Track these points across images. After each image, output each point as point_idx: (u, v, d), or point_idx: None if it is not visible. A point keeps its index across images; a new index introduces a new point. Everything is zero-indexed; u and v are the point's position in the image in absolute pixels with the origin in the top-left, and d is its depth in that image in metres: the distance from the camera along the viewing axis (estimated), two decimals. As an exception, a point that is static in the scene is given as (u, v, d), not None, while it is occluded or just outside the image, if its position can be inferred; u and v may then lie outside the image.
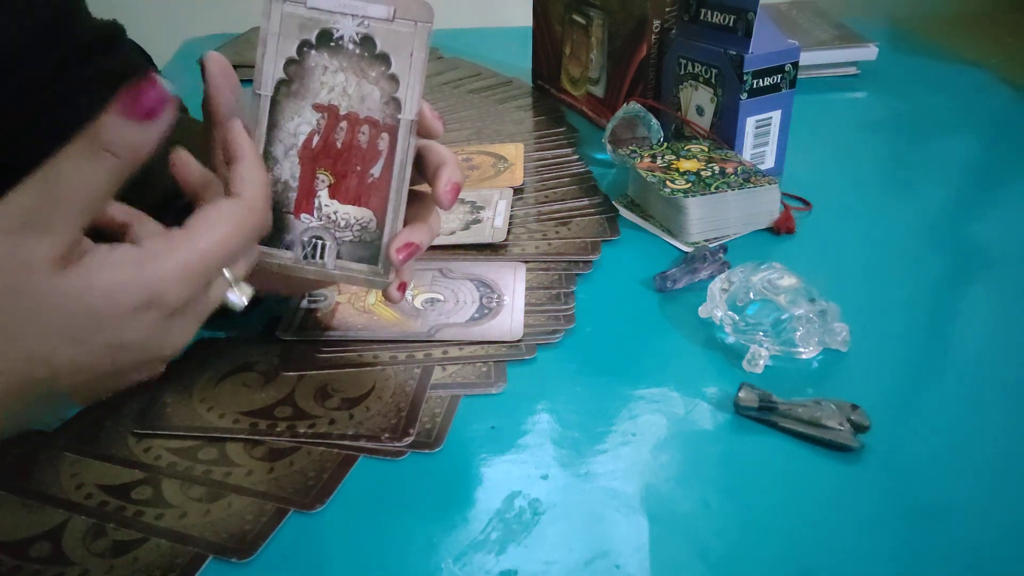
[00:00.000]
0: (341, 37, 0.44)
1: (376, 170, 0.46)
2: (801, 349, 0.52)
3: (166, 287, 0.35)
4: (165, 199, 0.53)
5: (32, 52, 0.53)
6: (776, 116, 0.75)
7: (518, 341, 0.54)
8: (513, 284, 0.59)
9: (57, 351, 0.34)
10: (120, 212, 0.42)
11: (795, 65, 0.73)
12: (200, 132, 0.47)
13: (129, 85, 0.34)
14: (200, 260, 0.37)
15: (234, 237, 0.38)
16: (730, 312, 0.53)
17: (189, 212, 0.50)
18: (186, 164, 0.44)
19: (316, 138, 0.46)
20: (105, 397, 0.46)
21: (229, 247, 0.38)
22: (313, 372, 0.51)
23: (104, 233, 0.39)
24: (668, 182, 0.67)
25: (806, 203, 0.72)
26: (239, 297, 0.41)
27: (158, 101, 0.34)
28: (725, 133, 0.75)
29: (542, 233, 0.67)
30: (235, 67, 0.46)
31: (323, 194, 0.46)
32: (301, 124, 0.45)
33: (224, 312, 0.41)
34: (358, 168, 0.46)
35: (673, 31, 0.79)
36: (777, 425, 0.47)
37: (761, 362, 0.51)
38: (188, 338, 0.39)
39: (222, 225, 0.38)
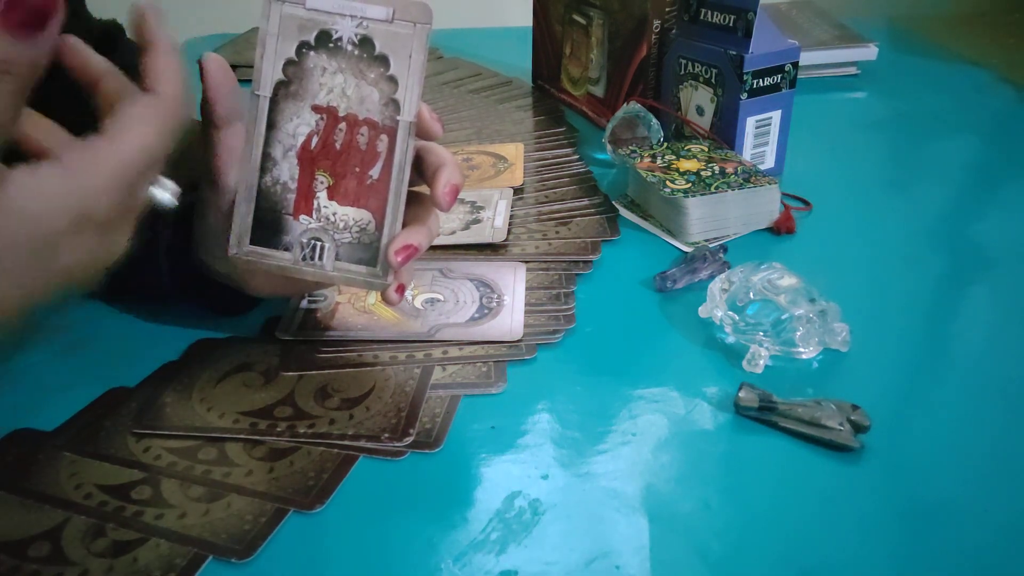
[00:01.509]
0: (340, 38, 0.44)
1: (375, 171, 0.46)
2: (801, 349, 0.52)
3: (96, 201, 0.34)
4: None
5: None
6: (776, 116, 0.75)
7: (518, 341, 0.54)
8: (513, 284, 0.59)
9: None
10: (35, 125, 0.38)
11: (795, 65, 0.73)
12: (199, 132, 0.47)
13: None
14: (124, 163, 0.35)
15: (157, 137, 0.36)
16: (730, 312, 0.53)
17: (190, 211, 0.51)
18: (79, 51, 0.40)
19: (315, 139, 0.46)
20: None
21: (153, 148, 0.36)
22: (313, 372, 0.51)
23: (19, 154, 0.37)
24: (668, 182, 0.67)
25: (806, 203, 0.72)
26: (164, 194, 0.40)
27: (39, 6, 0.31)
28: (725, 133, 0.74)
29: (542, 233, 0.67)
30: (234, 67, 0.46)
31: (322, 195, 0.46)
32: (300, 125, 0.45)
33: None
34: (357, 169, 0.46)
35: (673, 31, 0.79)
36: (777, 425, 0.47)
37: (761, 362, 0.51)
38: (124, 244, 0.37)
39: (141, 124, 0.36)
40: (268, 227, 0.47)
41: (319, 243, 0.47)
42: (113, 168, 0.35)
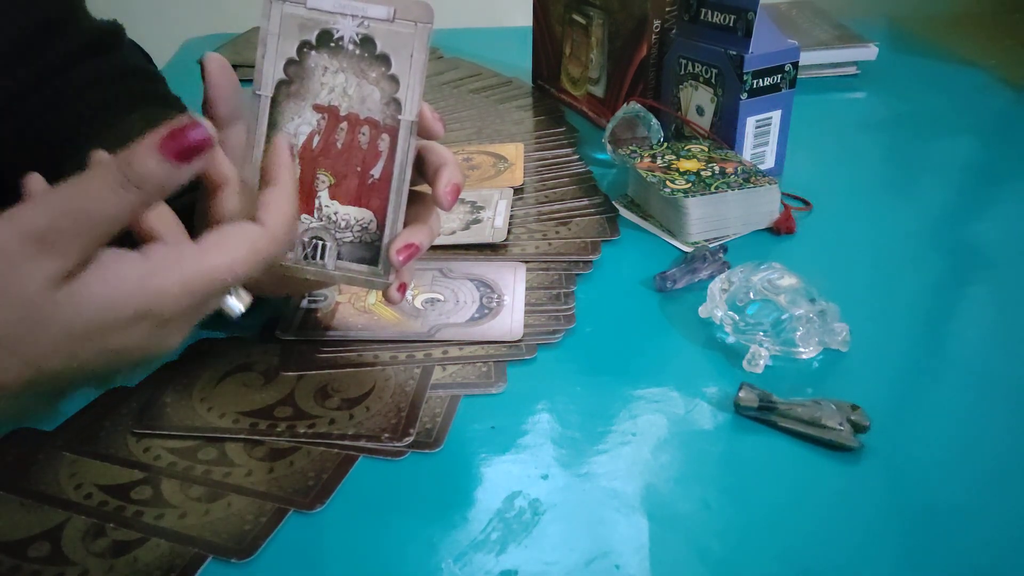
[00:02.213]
0: (341, 38, 0.44)
1: (376, 171, 0.46)
2: (801, 349, 0.52)
3: (165, 302, 0.35)
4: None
5: (32, 52, 0.53)
6: (776, 116, 0.75)
7: (518, 341, 0.54)
8: (513, 284, 0.59)
9: (49, 358, 0.34)
10: (149, 219, 0.40)
11: (795, 65, 0.73)
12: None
13: (173, 122, 0.33)
14: (205, 279, 0.36)
15: (247, 263, 0.37)
16: (730, 312, 0.53)
17: (190, 211, 0.51)
18: (216, 159, 0.42)
19: (316, 139, 0.46)
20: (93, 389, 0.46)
21: (239, 271, 0.37)
22: (313, 372, 0.51)
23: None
24: (668, 182, 0.67)
25: (806, 203, 0.72)
26: (237, 304, 0.40)
27: (199, 143, 0.33)
28: (725, 133, 0.75)
29: (542, 233, 0.67)
30: (235, 67, 0.46)
31: (323, 195, 0.46)
32: (301, 125, 0.45)
33: (220, 316, 0.40)
34: (358, 169, 0.46)
35: (673, 31, 0.79)
36: (777, 425, 0.47)
37: (761, 362, 0.51)
38: (179, 342, 0.38)
39: (237, 249, 0.37)
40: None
41: (321, 242, 0.47)
42: (191, 277, 0.35)
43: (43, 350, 0.34)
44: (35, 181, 0.36)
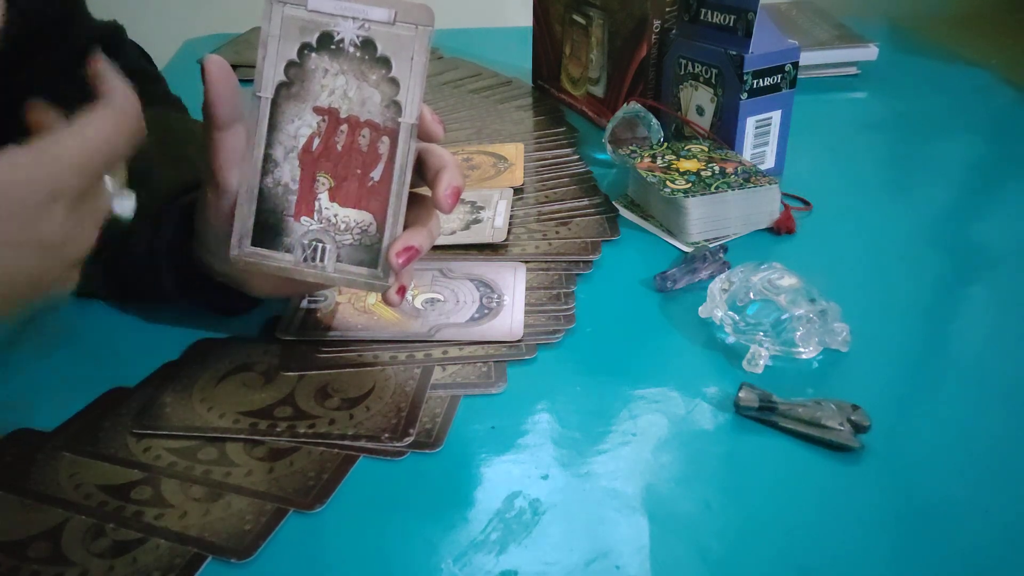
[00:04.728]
0: (342, 40, 0.44)
1: (376, 173, 0.46)
2: (801, 349, 0.52)
3: (66, 177, 0.37)
4: (167, 197, 0.53)
5: (32, 52, 0.53)
6: (776, 116, 0.75)
7: (518, 341, 0.54)
8: (513, 284, 0.59)
9: None
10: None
11: (795, 65, 0.73)
12: (200, 132, 0.47)
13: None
14: (91, 151, 0.38)
15: (115, 134, 0.39)
16: (730, 312, 0.53)
17: (191, 211, 0.51)
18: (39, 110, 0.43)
19: (316, 141, 0.46)
20: (23, 312, 0.47)
21: (112, 142, 0.39)
22: (313, 372, 0.51)
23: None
24: (668, 182, 0.67)
25: (806, 203, 0.72)
26: (123, 204, 0.42)
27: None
28: (725, 133, 0.75)
29: (542, 233, 0.67)
30: (234, 67, 0.46)
31: (323, 197, 0.46)
32: (301, 127, 0.46)
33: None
34: (358, 171, 0.46)
35: (673, 31, 0.79)
36: (777, 425, 0.47)
37: (761, 362, 0.51)
38: (92, 238, 0.40)
39: (103, 123, 0.39)
40: (269, 228, 0.47)
41: (320, 244, 0.47)
42: (79, 150, 0.38)
43: None
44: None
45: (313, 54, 0.45)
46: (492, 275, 0.61)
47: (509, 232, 0.67)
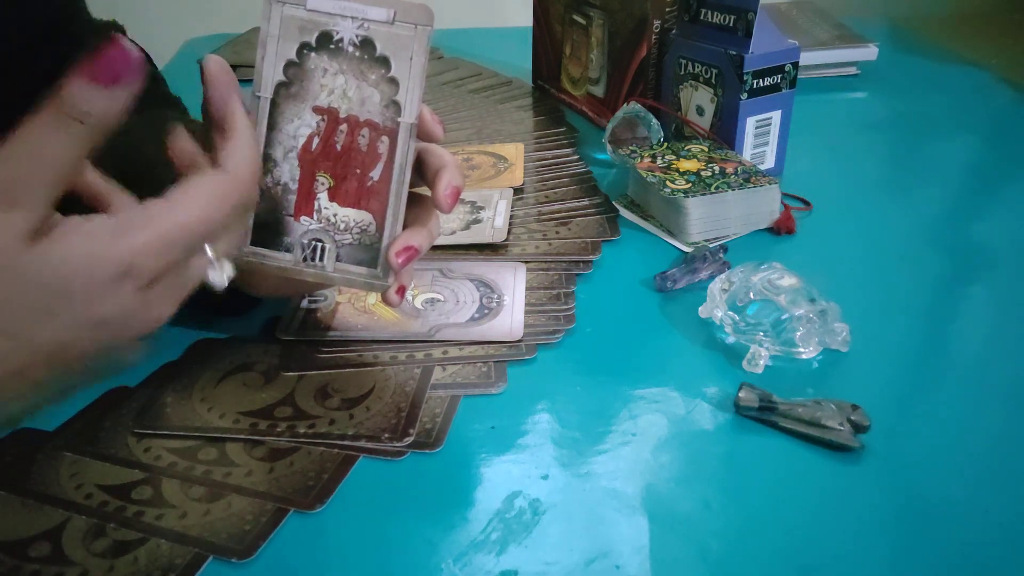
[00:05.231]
0: (341, 39, 0.44)
1: (376, 173, 0.46)
2: (801, 349, 0.52)
3: (142, 258, 0.34)
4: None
5: (32, 52, 0.53)
6: (776, 116, 0.75)
7: (518, 341, 0.54)
8: (513, 284, 0.60)
9: (33, 327, 0.33)
10: (96, 181, 0.40)
11: (795, 65, 0.73)
12: (200, 133, 0.47)
13: (93, 49, 0.32)
14: (178, 231, 0.35)
15: (216, 210, 0.37)
16: (730, 312, 0.53)
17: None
18: (180, 137, 0.42)
19: (316, 140, 0.46)
20: (84, 385, 0.45)
21: (210, 219, 0.37)
22: (313, 372, 0.51)
23: (79, 204, 0.38)
24: (668, 182, 0.67)
25: (806, 203, 0.72)
26: (220, 275, 0.39)
27: (124, 64, 0.32)
28: (725, 133, 0.75)
29: (542, 233, 0.67)
30: (234, 67, 0.46)
31: (323, 197, 0.46)
32: (301, 126, 0.46)
33: (207, 294, 0.39)
34: (358, 171, 0.46)
35: (673, 31, 0.79)
36: (777, 425, 0.47)
37: (761, 362, 0.51)
38: (166, 314, 0.37)
39: (204, 197, 0.36)
40: (269, 228, 0.47)
41: (320, 244, 0.47)
42: (165, 229, 0.35)
43: (24, 317, 0.33)
44: None
45: (312, 54, 0.45)
46: (492, 275, 0.61)
47: (509, 232, 0.67)
